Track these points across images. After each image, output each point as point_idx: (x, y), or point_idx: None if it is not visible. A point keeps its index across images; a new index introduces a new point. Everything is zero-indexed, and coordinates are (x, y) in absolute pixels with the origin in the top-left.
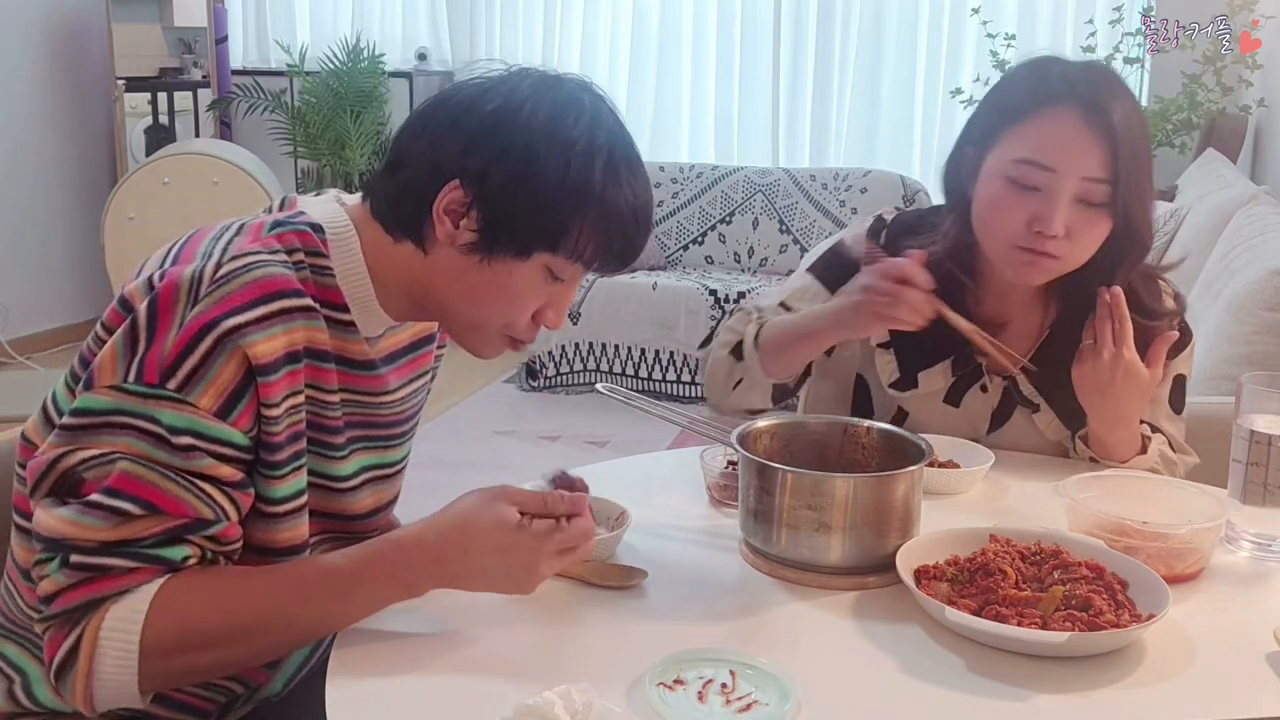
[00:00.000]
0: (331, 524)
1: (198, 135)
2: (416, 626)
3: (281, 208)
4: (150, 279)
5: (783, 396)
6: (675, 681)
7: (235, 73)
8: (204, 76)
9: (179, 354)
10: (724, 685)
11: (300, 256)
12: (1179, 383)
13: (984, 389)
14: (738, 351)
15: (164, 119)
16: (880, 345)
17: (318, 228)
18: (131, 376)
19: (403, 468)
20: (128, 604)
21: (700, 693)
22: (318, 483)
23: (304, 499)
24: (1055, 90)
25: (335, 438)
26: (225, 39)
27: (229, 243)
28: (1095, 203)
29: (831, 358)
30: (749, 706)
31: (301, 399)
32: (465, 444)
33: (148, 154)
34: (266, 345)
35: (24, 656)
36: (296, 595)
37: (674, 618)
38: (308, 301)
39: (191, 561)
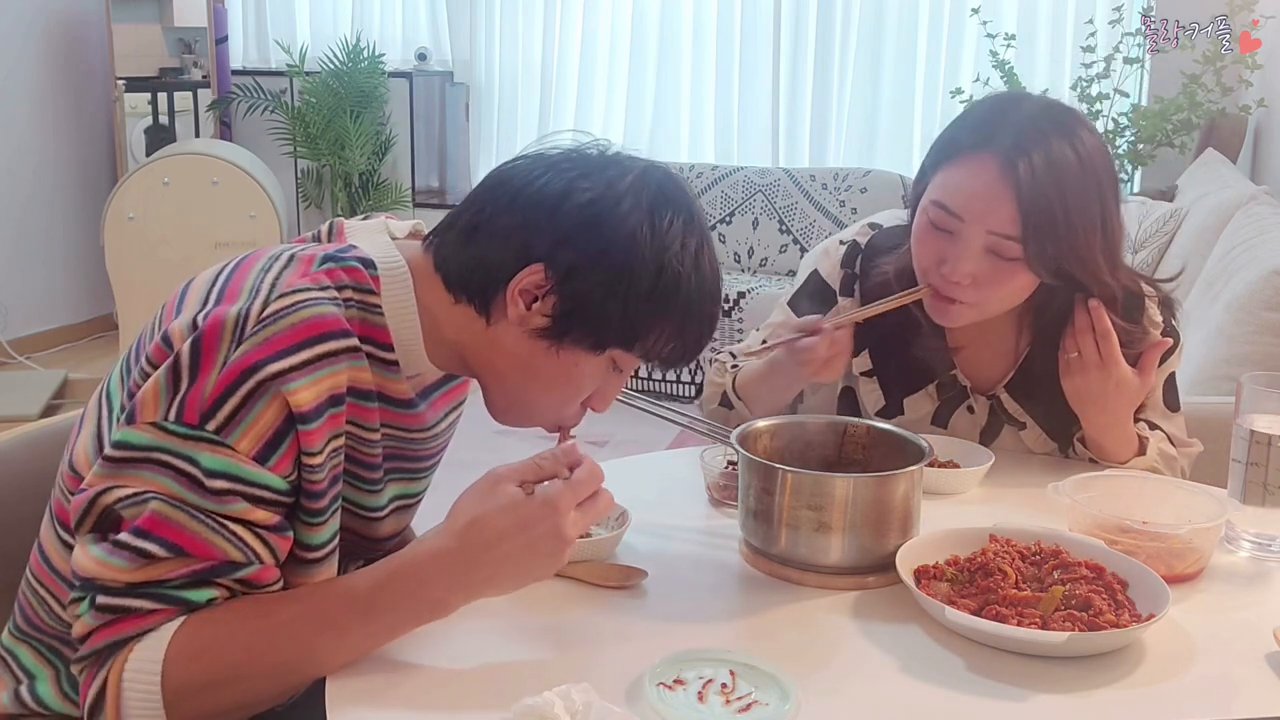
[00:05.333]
0: (356, 540)
1: (198, 135)
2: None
3: (330, 234)
4: (195, 318)
5: None
6: (675, 681)
7: (235, 73)
8: (204, 76)
9: (219, 396)
10: (724, 685)
11: (350, 294)
12: (1171, 381)
13: (970, 410)
14: (726, 402)
15: (164, 119)
16: (863, 374)
17: (369, 263)
18: (172, 415)
19: (422, 498)
20: (148, 644)
21: (700, 693)
22: (351, 510)
23: (337, 539)
24: (985, 136)
25: (373, 473)
26: (225, 39)
27: (277, 277)
28: (1006, 257)
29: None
30: (749, 706)
31: (342, 441)
32: (465, 444)
33: (148, 154)
34: (309, 392)
35: (36, 660)
36: (319, 624)
37: (674, 618)
38: (354, 342)
39: (217, 603)
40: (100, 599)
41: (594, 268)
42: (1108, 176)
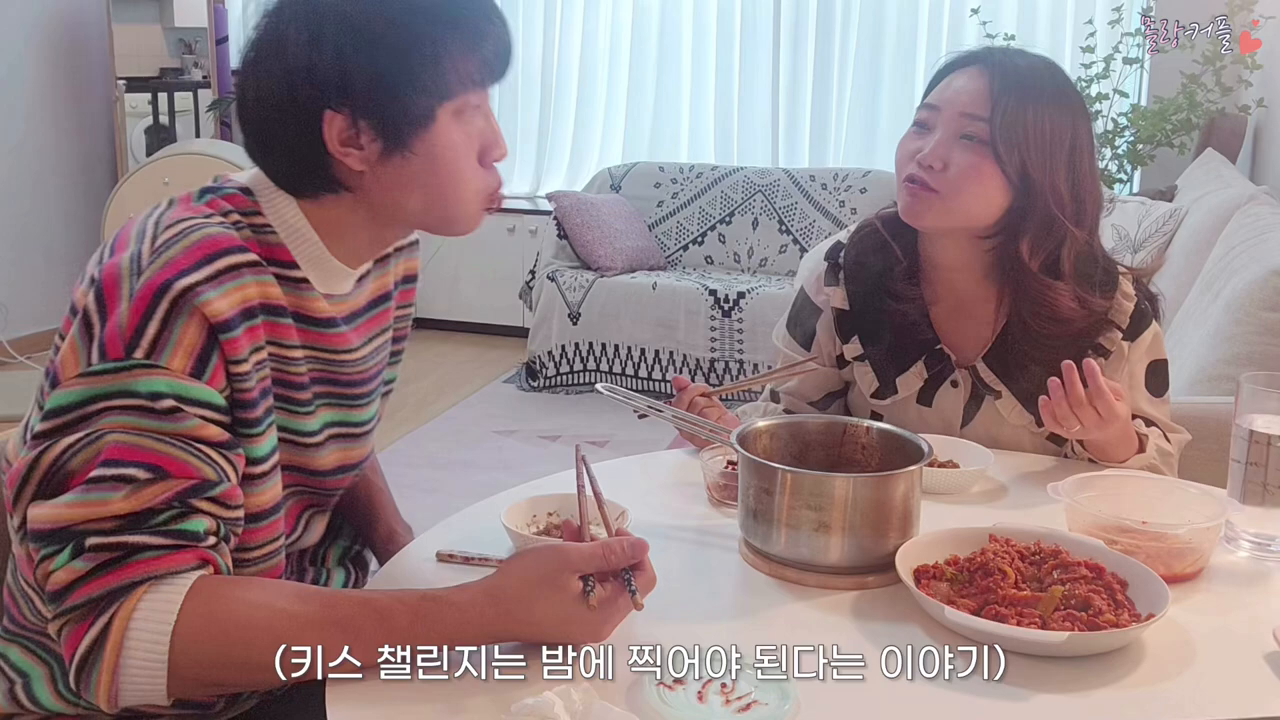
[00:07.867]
0: (298, 478)
1: (198, 135)
2: None
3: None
4: (91, 276)
5: None
6: (675, 681)
7: (235, 73)
8: (204, 76)
9: (138, 322)
10: (724, 685)
11: (236, 218)
12: (1154, 368)
13: (954, 384)
14: None
15: (164, 119)
16: (856, 359)
17: (247, 190)
18: (95, 358)
19: (370, 429)
20: (162, 594)
21: (700, 693)
22: (285, 438)
23: (278, 455)
24: (969, 56)
25: (301, 394)
26: (225, 39)
27: (160, 217)
28: (977, 138)
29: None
30: (749, 706)
31: (265, 354)
32: (465, 444)
33: (148, 154)
34: (222, 302)
35: (27, 659)
36: (345, 632)
37: (674, 618)
38: (253, 257)
39: (210, 537)
40: (92, 540)
41: (347, 74)
42: (1080, 110)
